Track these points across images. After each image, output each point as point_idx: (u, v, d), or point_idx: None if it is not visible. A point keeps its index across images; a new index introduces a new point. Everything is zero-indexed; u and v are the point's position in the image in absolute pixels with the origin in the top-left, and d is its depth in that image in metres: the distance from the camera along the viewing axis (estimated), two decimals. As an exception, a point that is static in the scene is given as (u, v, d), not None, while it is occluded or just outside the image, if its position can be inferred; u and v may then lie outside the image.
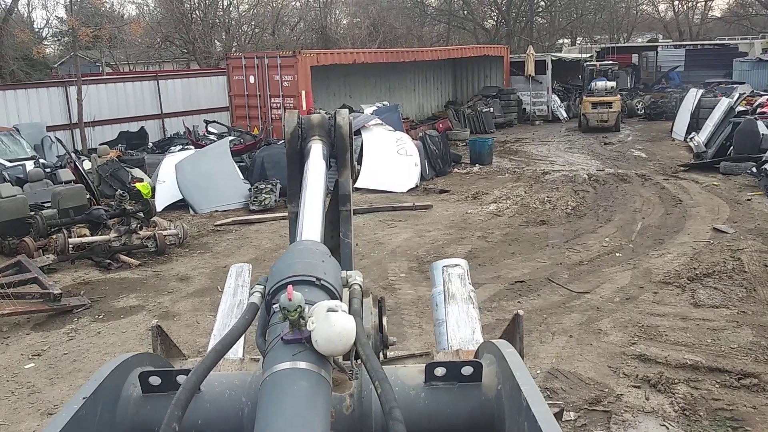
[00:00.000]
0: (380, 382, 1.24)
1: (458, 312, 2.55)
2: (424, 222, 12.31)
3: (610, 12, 44.71)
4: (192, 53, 37.38)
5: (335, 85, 23.27)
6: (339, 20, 46.38)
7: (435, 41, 44.03)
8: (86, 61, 42.84)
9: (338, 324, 1.27)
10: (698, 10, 50.52)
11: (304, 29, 44.00)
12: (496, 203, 13.62)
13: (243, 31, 42.03)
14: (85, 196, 12.42)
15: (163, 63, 42.16)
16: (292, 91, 18.88)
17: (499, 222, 12.21)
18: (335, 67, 21.52)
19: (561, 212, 12.70)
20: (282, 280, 1.42)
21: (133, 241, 10.96)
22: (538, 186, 15.15)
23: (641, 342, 7.10)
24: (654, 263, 9.63)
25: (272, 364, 1.27)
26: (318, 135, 2.18)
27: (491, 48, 29.23)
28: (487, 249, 10.53)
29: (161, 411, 1.25)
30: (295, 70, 18.72)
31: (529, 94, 28.33)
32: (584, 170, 16.91)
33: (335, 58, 20.69)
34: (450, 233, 11.54)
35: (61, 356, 7.38)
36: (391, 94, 25.68)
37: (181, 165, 14.37)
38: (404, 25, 41.48)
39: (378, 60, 22.79)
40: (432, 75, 28.37)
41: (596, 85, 24.33)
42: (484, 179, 16.34)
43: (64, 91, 21.65)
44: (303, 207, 1.91)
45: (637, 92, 31.37)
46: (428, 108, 28.38)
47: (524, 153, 20.44)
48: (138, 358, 1.61)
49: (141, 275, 10.03)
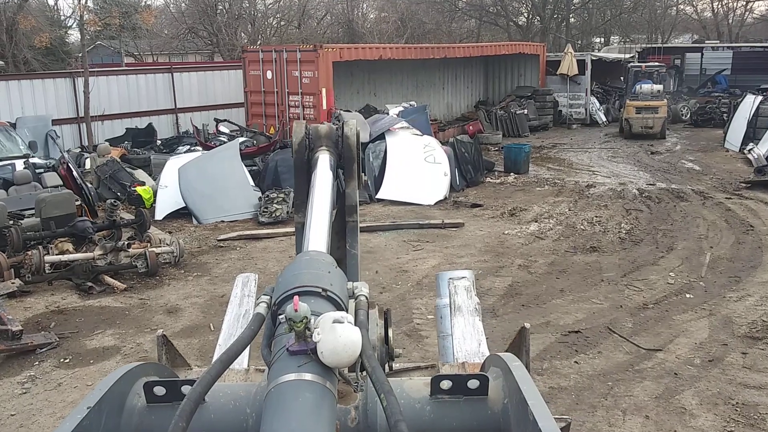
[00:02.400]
0: (386, 395, 1.22)
1: (464, 324, 2.52)
2: (454, 244, 10.72)
3: (649, 11, 42.48)
4: (216, 45, 36.36)
5: (359, 83, 21.72)
6: (366, 14, 45.04)
7: (464, 37, 42.33)
8: (110, 51, 42.13)
9: (344, 335, 1.27)
10: (738, 10, 48.10)
11: (331, 23, 42.77)
12: (537, 222, 11.99)
13: (268, 24, 40.91)
14: (73, 203, 10.98)
15: (187, 54, 41.61)
16: (311, 89, 17.37)
17: (542, 247, 10.59)
18: (359, 63, 19.98)
19: (613, 236, 11.04)
20: (288, 290, 1.43)
21: (121, 260, 9.54)
22: (583, 202, 13.47)
23: (740, 430, 5.49)
24: (734, 309, 7.97)
25: (277, 375, 1.26)
26: (325, 145, 2.18)
27: (527, 45, 27.43)
28: (530, 283, 8.92)
29: (166, 421, 1.29)
30: (315, 66, 17.20)
31: (566, 96, 26.52)
32: (633, 184, 15.19)
33: (360, 53, 19.11)
34: (485, 260, 9.94)
35: (7, 418, 5.94)
36: (419, 92, 24.08)
37: (185, 169, 12.93)
38: (433, 20, 39.84)
39: (406, 56, 21.17)
40: (462, 73, 26.68)
41: (641, 88, 22.46)
42: (521, 191, 14.69)
43: (72, 83, 20.36)
44: (310, 217, 1.93)
45: (682, 96, 29.36)
46: (457, 108, 26.71)
47: (563, 161, 18.73)
48: (143, 368, 1.62)
49: (124, 303, 8.58)
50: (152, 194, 13.68)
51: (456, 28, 43.06)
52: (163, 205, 13.03)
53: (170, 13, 42.56)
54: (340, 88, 20.17)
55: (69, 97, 20.39)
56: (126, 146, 17.23)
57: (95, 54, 48.19)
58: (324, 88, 17.17)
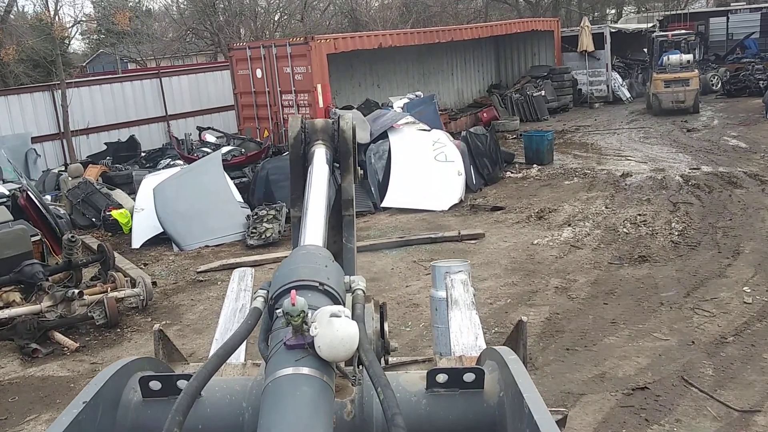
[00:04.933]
0: (383, 389, 1.23)
1: (461, 318, 2.52)
2: (475, 262, 8.94)
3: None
4: (218, 45, 35.01)
5: (360, 75, 19.94)
6: (370, 2, 43.26)
7: (471, 19, 40.31)
8: (113, 59, 41.01)
9: (341, 329, 1.26)
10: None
11: (334, 13, 41.12)
12: (570, 226, 10.21)
13: (271, 19, 39.37)
14: (28, 240, 9.39)
15: (189, 56, 40.77)
16: (306, 86, 15.66)
17: (580, 259, 8.82)
18: (359, 54, 18.21)
19: (664, 239, 9.24)
20: (285, 284, 1.42)
21: (75, 311, 7.93)
22: (621, 196, 11.65)
23: None
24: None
25: (275, 370, 1.26)
26: (321, 139, 2.19)
27: (539, 22, 25.42)
28: (572, 313, 7.17)
29: (161, 416, 1.26)
30: (308, 60, 15.47)
31: (585, 73, 24.55)
32: (674, 169, 13.33)
33: (357, 42, 17.31)
34: (513, 282, 8.20)
35: None
36: (426, 80, 22.24)
37: (161, 189, 11.29)
38: (438, 3, 37.89)
39: (409, 42, 19.32)
40: (472, 56, 24.75)
41: (669, 60, 20.43)
42: (547, 187, 12.89)
43: (51, 96, 18.84)
44: (306, 212, 1.93)
45: (709, 65, 27.21)
46: (468, 94, 24.79)
47: (590, 146, 16.85)
48: (138, 363, 1.63)
49: (72, 371, 6.97)
50: (130, 218, 12.11)
51: (462, 10, 41.11)
52: (139, 231, 11.44)
53: (171, 16, 41.33)
54: (339, 83, 18.45)
55: (49, 112, 18.87)
56: (107, 162, 15.62)
57: (97, 62, 47.13)
58: (319, 84, 15.44)
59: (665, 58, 20.64)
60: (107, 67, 41.63)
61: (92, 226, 12.56)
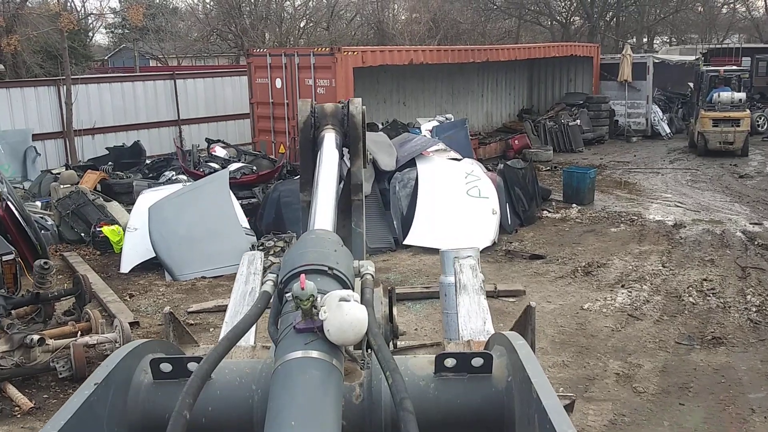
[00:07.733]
0: (391, 373, 1.23)
1: (469, 303, 2.51)
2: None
3: (710, 8, 38.63)
4: (241, 47, 34.12)
5: (386, 91, 18.66)
6: (397, 15, 42.20)
7: (501, 38, 39.04)
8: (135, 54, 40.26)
9: (350, 314, 1.26)
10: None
11: (361, 24, 40.10)
12: (624, 288, 8.78)
13: (296, 25, 38.42)
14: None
15: (212, 57, 40.26)
16: (328, 100, 14.11)
17: (641, 333, 7.40)
18: (387, 68, 16.92)
19: (739, 316, 7.79)
20: (295, 268, 1.41)
21: (34, 359, 6.61)
22: (678, 253, 10.21)
23: None
24: None
25: (284, 353, 1.26)
26: (331, 124, 2.18)
27: (579, 47, 24.06)
28: (642, 416, 5.74)
29: (172, 398, 1.27)
30: (332, 73, 14.20)
31: (624, 104, 23.14)
32: (732, 222, 11.88)
33: (386, 57, 16.02)
34: (564, 362, 6.78)
35: None
36: (455, 101, 20.91)
37: (158, 208, 9.98)
38: (468, 20, 36.68)
39: (441, 60, 18.02)
40: (504, 78, 23.39)
41: (719, 97, 18.96)
42: (590, 233, 11.46)
43: (56, 91, 17.66)
44: (315, 196, 1.90)
45: (755, 105, 25.68)
46: (498, 117, 23.43)
47: (632, 186, 15.41)
48: (149, 345, 1.62)
49: (19, 442, 5.65)
50: (122, 236, 10.82)
51: (492, 29, 39.89)
52: (130, 255, 10.14)
53: (196, 16, 40.51)
54: (364, 98, 16.42)
55: (54, 108, 17.69)
56: (107, 169, 14.37)
57: (119, 57, 46.34)
58: (344, 99, 14.14)
59: (715, 95, 19.16)
60: (128, 62, 40.84)
61: (80, 242, 11.29)
